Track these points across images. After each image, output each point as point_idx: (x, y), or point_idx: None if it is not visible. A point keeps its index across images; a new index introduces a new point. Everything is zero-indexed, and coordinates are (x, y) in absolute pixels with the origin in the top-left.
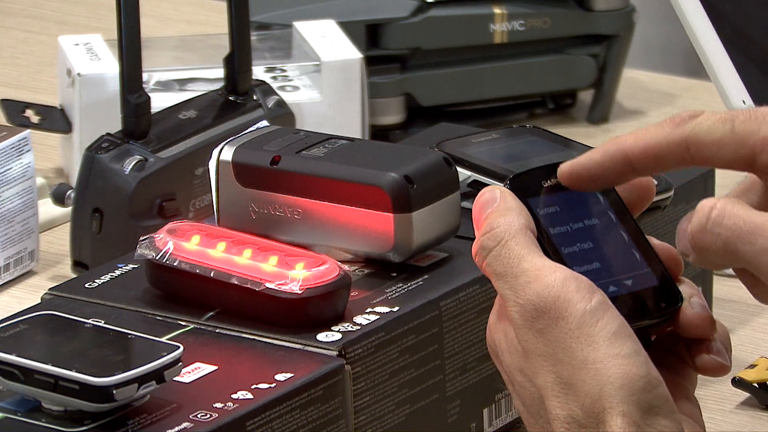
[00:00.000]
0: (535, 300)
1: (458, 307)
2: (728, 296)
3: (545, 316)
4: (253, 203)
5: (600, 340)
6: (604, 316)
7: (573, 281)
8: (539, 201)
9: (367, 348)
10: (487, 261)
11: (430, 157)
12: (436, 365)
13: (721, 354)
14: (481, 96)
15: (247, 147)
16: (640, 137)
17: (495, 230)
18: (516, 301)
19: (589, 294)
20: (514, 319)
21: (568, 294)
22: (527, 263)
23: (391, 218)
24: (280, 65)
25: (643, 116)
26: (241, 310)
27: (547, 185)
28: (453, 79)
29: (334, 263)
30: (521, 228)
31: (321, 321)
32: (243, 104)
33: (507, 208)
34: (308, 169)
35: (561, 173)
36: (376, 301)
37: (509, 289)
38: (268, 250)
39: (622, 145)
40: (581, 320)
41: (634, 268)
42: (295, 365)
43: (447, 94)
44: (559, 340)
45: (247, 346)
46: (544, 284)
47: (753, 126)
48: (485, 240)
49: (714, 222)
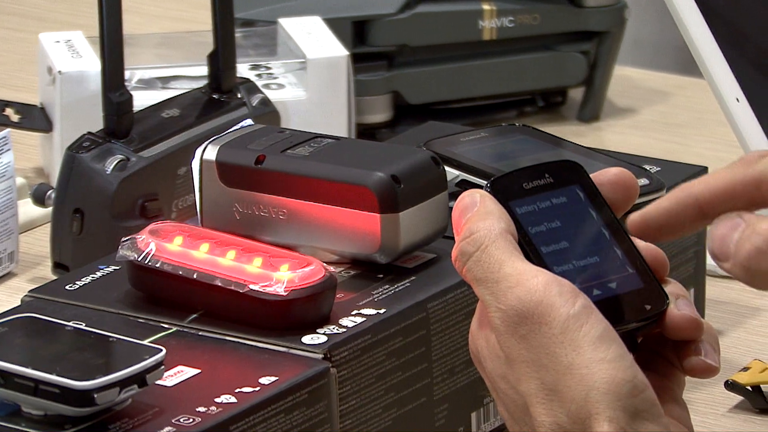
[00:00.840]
0: (517, 305)
1: (446, 309)
2: (721, 297)
3: (528, 321)
4: (237, 203)
5: (584, 345)
6: (588, 320)
7: (555, 285)
8: (520, 204)
9: (353, 351)
10: (468, 266)
11: (417, 156)
12: (423, 368)
13: (709, 355)
14: (469, 94)
15: (231, 146)
16: (711, 182)
17: (475, 235)
18: (498, 306)
19: (572, 298)
20: (496, 325)
21: (550, 298)
22: (508, 268)
23: (377, 218)
24: (265, 63)
25: (635, 114)
26: (225, 313)
27: (528, 187)
28: (441, 76)
29: (319, 264)
30: (501, 232)
31: (306, 323)
32: (227, 102)
33: (487, 212)
34: (293, 169)
35: (632, 223)
36: (362, 303)
37: (490, 295)
38: (253, 251)
39: (692, 190)
40: (565, 325)
41: (619, 270)
42: (280, 368)
43: (435, 91)
44: (543, 345)
45: (231, 349)
46: (525, 289)
47: None
48: (465, 245)
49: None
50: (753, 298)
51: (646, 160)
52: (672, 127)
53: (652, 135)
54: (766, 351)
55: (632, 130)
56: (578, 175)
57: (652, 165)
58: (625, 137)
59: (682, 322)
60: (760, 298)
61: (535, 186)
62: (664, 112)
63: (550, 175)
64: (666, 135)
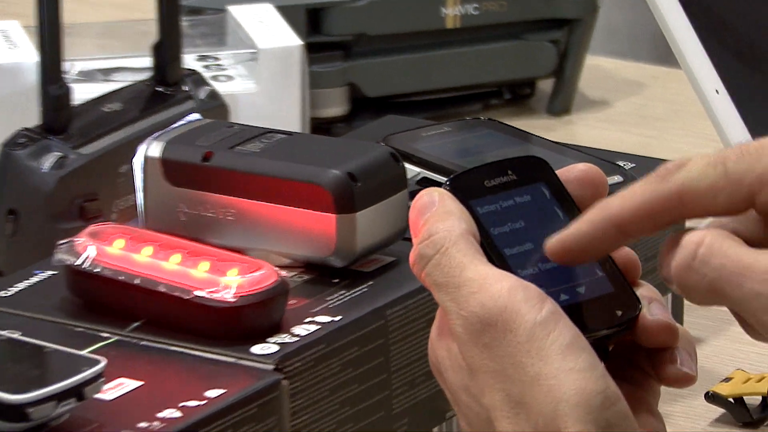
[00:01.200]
0: (480, 312)
1: (406, 316)
2: None
3: (491, 329)
4: (183, 203)
5: (552, 354)
6: (555, 327)
7: (521, 290)
8: (482, 203)
9: (306, 361)
10: (427, 271)
11: (375, 152)
12: (381, 380)
13: (686, 363)
14: (431, 86)
15: (177, 142)
16: (626, 200)
17: (434, 237)
18: (459, 313)
19: (538, 304)
20: (458, 333)
21: (515, 304)
22: (470, 272)
23: (333, 219)
24: (213, 53)
25: (608, 107)
26: (169, 321)
27: (490, 185)
28: (401, 67)
29: (270, 269)
30: (462, 233)
31: (256, 332)
32: (172, 96)
33: (446, 212)
34: (243, 166)
35: (550, 249)
36: (316, 309)
37: (451, 301)
38: (199, 254)
39: (608, 213)
40: (531, 332)
41: (587, 273)
42: (228, 380)
43: (394, 83)
44: (508, 355)
45: (176, 360)
46: (489, 294)
47: (747, 164)
48: (423, 248)
49: (701, 261)
50: None
51: (620, 155)
52: (648, 120)
53: (627, 129)
54: (749, 360)
55: (605, 123)
56: (543, 172)
57: (627, 161)
58: (597, 131)
59: (655, 328)
60: None
61: (497, 183)
62: (640, 104)
63: (514, 172)
64: (641, 129)
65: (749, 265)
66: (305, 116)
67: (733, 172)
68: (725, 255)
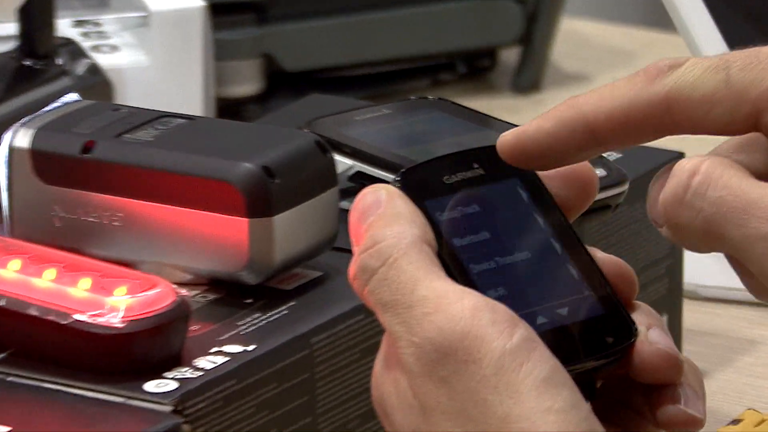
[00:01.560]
0: (437, 338)
1: (336, 345)
2: (704, 326)
3: (450, 359)
4: (58, 205)
5: (525, 391)
6: (529, 357)
7: (487, 311)
8: (440, 204)
9: (212, 401)
10: (370, 287)
11: (297, 141)
12: (306, 424)
13: (692, 403)
14: (366, 57)
15: (50, 129)
16: (605, 98)
17: (379, 245)
18: (410, 339)
19: (508, 328)
20: (408, 364)
21: (480, 329)
22: (424, 288)
23: (244, 224)
24: (94, 18)
25: (588, 82)
26: (43, 351)
27: (451, 182)
28: (327, 34)
29: (167, 287)
30: (414, 241)
31: (150, 364)
32: (43, 71)
33: (395, 215)
34: (132, 159)
35: (502, 145)
36: (224, 337)
37: (400, 324)
38: (79, 269)
39: (581, 108)
40: (499, 364)
41: (571, 291)
42: (116, 425)
43: (319, 55)
44: (470, 390)
45: (51, 400)
46: (447, 316)
47: (754, 74)
48: (366, 258)
49: (695, 193)
50: (745, 328)
51: None
52: None
53: None
54: (762, 398)
55: None
56: None
57: (611, 151)
58: None
59: (654, 360)
60: (754, 327)
61: (460, 180)
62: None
63: (481, 166)
64: None
65: (754, 201)
66: (209, 96)
67: (736, 81)
68: (726, 186)
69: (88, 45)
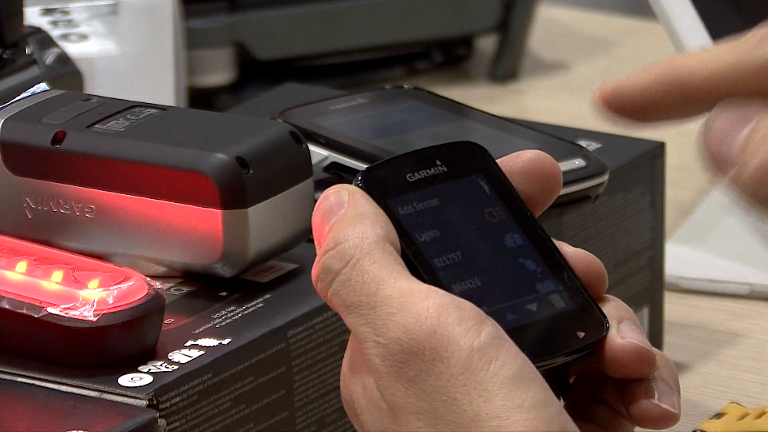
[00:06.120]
0: (403, 338)
1: (313, 338)
2: (686, 319)
3: (417, 359)
4: (29, 197)
5: (494, 388)
6: (498, 354)
7: (453, 310)
8: (403, 202)
9: (187, 395)
10: (334, 288)
11: (271, 131)
12: (283, 419)
13: (665, 398)
14: (340, 46)
15: (19, 120)
16: (705, 61)
17: (341, 246)
18: (376, 340)
19: (476, 326)
20: (375, 365)
21: (447, 327)
22: (388, 288)
23: (218, 216)
24: (62, 5)
25: (566, 71)
26: (15, 345)
27: (414, 179)
28: (301, 22)
29: (141, 279)
30: (377, 240)
31: (124, 358)
32: (11, 60)
33: (358, 215)
34: (104, 150)
35: (602, 91)
36: (199, 330)
37: (366, 325)
38: (51, 262)
39: (679, 70)
40: (467, 362)
41: (539, 286)
42: (90, 419)
43: (293, 43)
44: (439, 390)
45: (24, 395)
46: (413, 315)
47: None
48: (329, 259)
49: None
50: (728, 320)
51: (582, 133)
52: None
53: (590, 99)
54: (746, 391)
55: (563, 92)
56: (481, 162)
57: (590, 140)
58: (553, 103)
59: (626, 354)
60: (737, 319)
61: (423, 177)
62: (607, 67)
63: (444, 163)
64: None
65: None
66: (180, 85)
67: None
68: None
69: (57, 33)
